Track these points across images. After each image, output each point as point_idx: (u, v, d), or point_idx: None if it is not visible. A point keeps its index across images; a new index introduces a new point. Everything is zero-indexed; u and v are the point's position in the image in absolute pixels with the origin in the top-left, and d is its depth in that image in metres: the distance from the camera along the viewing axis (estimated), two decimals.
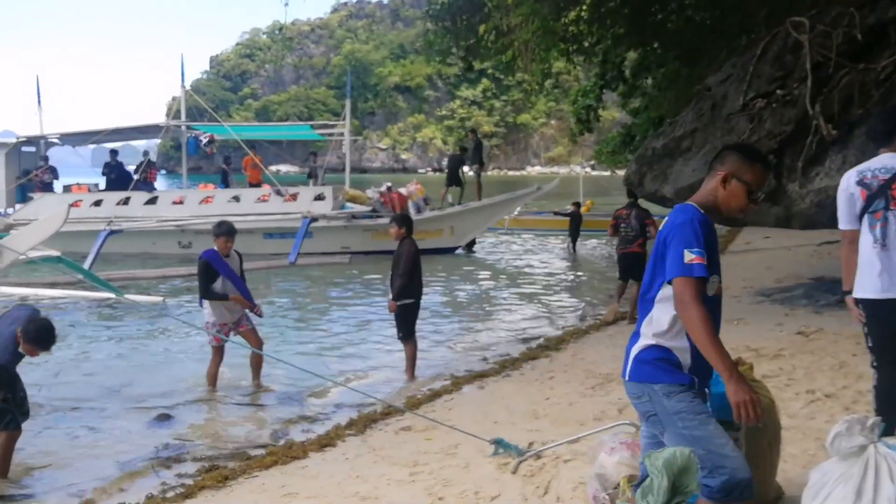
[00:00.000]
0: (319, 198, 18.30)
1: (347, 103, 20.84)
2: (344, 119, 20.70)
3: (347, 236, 18.08)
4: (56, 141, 20.71)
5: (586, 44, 15.94)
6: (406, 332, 8.49)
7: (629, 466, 4.14)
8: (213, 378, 8.05)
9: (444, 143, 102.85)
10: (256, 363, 8.16)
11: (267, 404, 7.94)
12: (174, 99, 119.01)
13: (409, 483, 5.45)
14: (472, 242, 19.69)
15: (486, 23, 14.01)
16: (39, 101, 20.19)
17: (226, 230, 7.90)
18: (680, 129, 9.78)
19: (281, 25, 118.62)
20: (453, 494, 5.15)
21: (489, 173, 59.55)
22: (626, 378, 3.22)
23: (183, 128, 20.36)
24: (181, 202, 18.85)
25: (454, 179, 19.96)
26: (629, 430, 5.40)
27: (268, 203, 18.18)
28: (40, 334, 5.46)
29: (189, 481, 5.79)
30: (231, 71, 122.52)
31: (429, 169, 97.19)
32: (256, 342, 8.00)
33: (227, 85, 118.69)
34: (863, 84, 8.57)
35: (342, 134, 21.30)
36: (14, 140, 19.97)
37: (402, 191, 18.82)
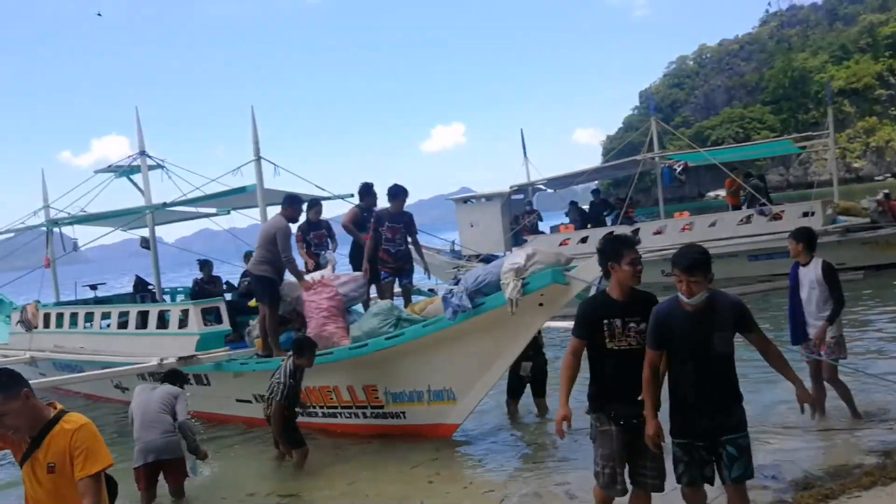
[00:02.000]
0: (807, 214, 17.54)
1: (829, 112, 19.80)
2: (826, 129, 19.62)
3: (843, 252, 16.86)
4: (542, 187, 22.69)
5: None
6: None
7: None
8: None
9: None
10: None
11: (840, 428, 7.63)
12: (608, 138, 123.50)
13: None
14: None
15: None
16: (525, 153, 22.31)
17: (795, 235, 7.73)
18: None
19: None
20: None
21: None
22: None
23: (656, 159, 20.95)
24: (660, 232, 19.32)
25: None
26: None
27: (750, 224, 17.85)
28: None
29: (787, 497, 5.83)
30: (660, 102, 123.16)
31: (887, 175, 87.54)
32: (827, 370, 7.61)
33: (657, 117, 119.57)
34: None
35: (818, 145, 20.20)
36: (507, 190, 22.24)
37: None
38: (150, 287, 14.53)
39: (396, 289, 10.58)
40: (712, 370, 4.55)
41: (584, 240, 19.03)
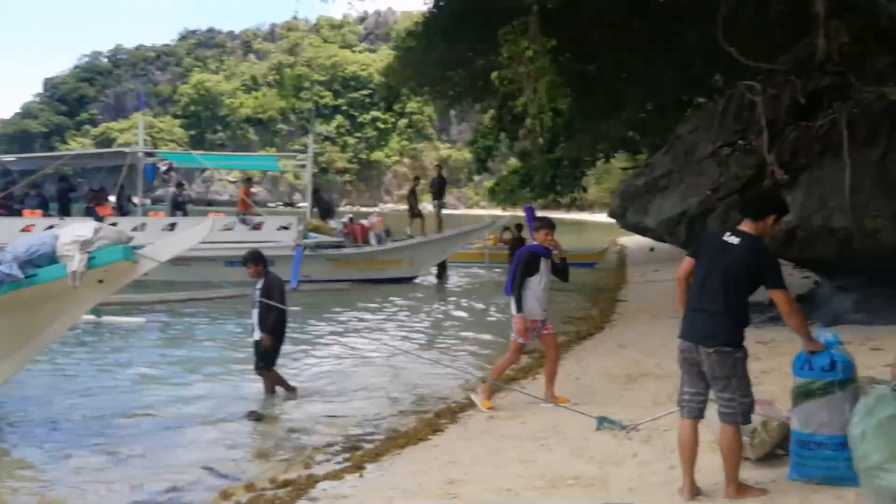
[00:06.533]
0: (285, 227, 18.86)
1: (310, 139, 21.39)
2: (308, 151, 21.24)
3: (309, 265, 18.39)
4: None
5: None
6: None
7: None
8: (498, 372, 8.26)
9: (296, 177, 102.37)
10: (551, 372, 8.20)
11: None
12: (2, 122, 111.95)
13: (548, 450, 6.43)
14: (444, 270, 21.09)
15: None
16: None
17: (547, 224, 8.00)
18: (658, 170, 11.64)
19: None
20: (598, 454, 6.13)
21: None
22: None
23: (140, 154, 20.11)
24: (139, 230, 18.15)
25: (415, 212, 21.41)
26: None
27: (231, 232, 18.27)
28: None
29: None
30: (68, 95, 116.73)
31: (279, 203, 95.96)
32: (555, 347, 8.36)
33: (62, 109, 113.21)
34: (806, 138, 10.33)
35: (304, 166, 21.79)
36: None
37: (364, 222, 20.19)
38: None
39: None
40: None
41: (50, 227, 17.46)
